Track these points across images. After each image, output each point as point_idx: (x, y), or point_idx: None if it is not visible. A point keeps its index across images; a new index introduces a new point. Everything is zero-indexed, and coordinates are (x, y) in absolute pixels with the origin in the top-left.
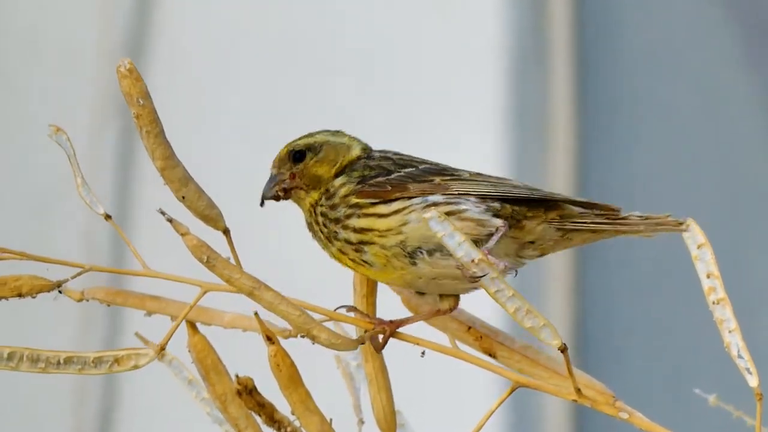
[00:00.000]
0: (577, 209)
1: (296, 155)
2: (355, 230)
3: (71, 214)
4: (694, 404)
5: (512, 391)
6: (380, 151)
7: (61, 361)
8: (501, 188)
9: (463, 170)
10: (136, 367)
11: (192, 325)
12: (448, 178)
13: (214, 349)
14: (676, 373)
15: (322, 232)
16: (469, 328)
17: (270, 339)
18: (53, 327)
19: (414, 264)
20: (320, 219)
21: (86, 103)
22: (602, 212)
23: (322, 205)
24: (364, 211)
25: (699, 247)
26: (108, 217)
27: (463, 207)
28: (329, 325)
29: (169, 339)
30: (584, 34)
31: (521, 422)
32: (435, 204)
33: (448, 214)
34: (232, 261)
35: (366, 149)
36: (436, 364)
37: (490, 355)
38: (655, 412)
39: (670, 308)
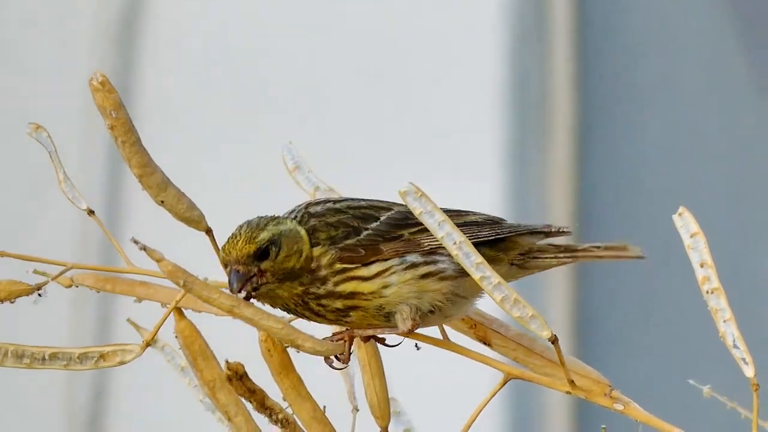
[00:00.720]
0: (534, 240)
1: (261, 253)
2: (344, 296)
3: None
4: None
5: (504, 383)
6: (316, 204)
7: (46, 357)
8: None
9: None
10: (122, 362)
11: (179, 311)
12: (415, 230)
13: (201, 334)
14: (677, 360)
15: (311, 310)
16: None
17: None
18: (44, 315)
19: (387, 320)
20: (313, 303)
21: (78, 97)
22: (561, 244)
23: (311, 291)
24: (348, 274)
25: (692, 236)
26: (91, 212)
27: (441, 266)
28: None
29: (157, 331)
30: (585, 14)
31: (520, 408)
32: (414, 265)
33: (428, 275)
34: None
35: (296, 219)
36: (432, 351)
37: (484, 343)
38: (659, 398)
39: (672, 295)
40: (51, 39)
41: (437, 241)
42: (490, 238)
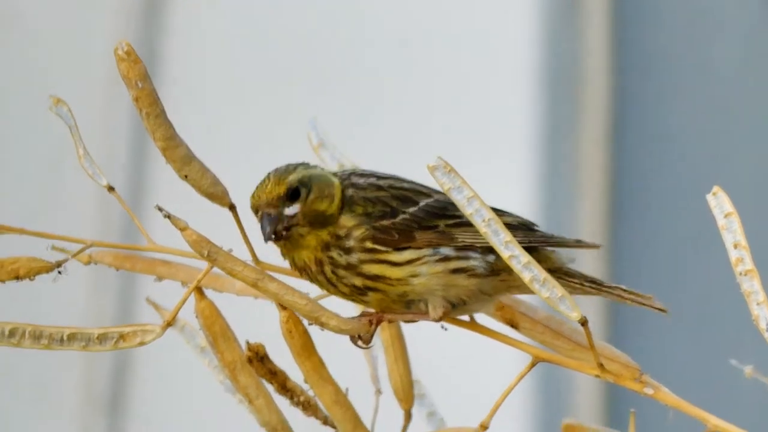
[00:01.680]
0: (565, 261)
1: (292, 193)
2: (367, 277)
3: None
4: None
5: (532, 366)
6: (361, 175)
7: (65, 338)
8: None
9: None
10: (142, 343)
11: (199, 291)
12: (451, 223)
13: (222, 315)
14: (709, 344)
15: (324, 275)
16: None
17: (282, 305)
18: (64, 294)
19: (408, 307)
20: (328, 267)
21: (101, 72)
22: (589, 276)
23: (333, 249)
24: (378, 257)
25: (726, 216)
26: (111, 188)
27: (472, 263)
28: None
29: (177, 312)
30: None
31: (549, 392)
32: (447, 258)
33: (458, 270)
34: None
35: (337, 176)
36: (458, 333)
37: (511, 325)
38: (690, 383)
39: (706, 277)
40: (73, 8)
41: (471, 237)
42: (524, 244)
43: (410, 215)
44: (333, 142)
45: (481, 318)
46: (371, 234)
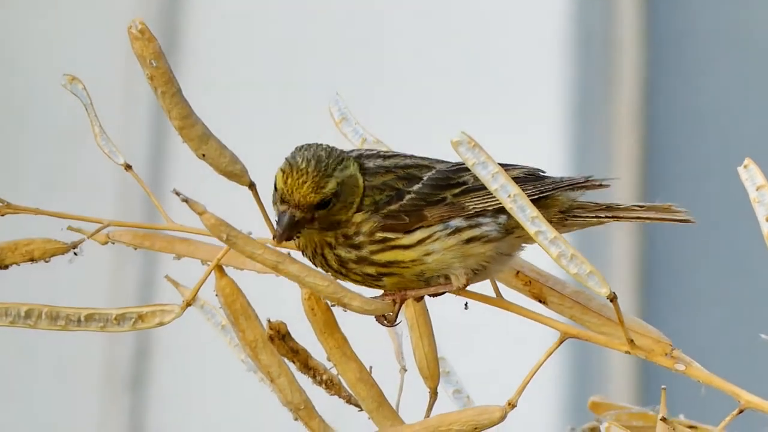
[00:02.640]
0: (575, 196)
1: (324, 204)
2: (381, 264)
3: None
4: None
5: (561, 342)
6: (369, 158)
7: (82, 319)
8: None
9: (465, 171)
10: (161, 323)
11: (220, 268)
12: (458, 192)
13: (243, 293)
14: (742, 319)
15: (331, 267)
16: (517, 272)
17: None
18: (84, 274)
19: (426, 284)
20: (333, 262)
21: (121, 50)
22: (602, 203)
23: (338, 248)
24: (389, 244)
25: (758, 188)
26: (128, 167)
27: (485, 230)
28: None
29: (197, 290)
30: None
31: (579, 369)
32: (458, 230)
33: (472, 239)
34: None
35: (356, 163)
36: (484, 308)
37: (539, 300)
38: (724, 358)
39: (739, 250)
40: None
41: (481, 202)
42: (534, 196)
43: (416, 193)
44: (355, 117)
45: (508, 293)
46: (380, 224)
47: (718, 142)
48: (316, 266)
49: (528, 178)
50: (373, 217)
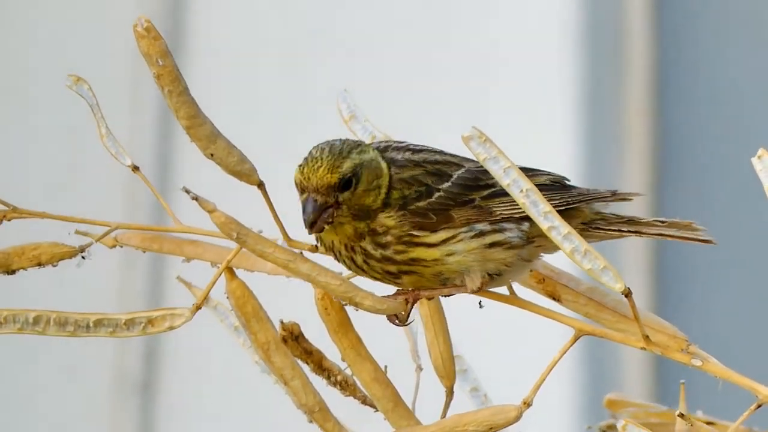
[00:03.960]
0: (599, 209)
1: (344, 184)
2: (403, 263)
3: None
4: None
5: (575, 339)
6: (397, 150)
7: (91, 324)
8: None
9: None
10: (171, 328)
11: (230, 271)
12: (486, 194)
13: (254, 295)
14: (759, 313)
15: (354, 262)
16: (531, 270)
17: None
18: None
19: (443, 284)
20: (359, 257)
21: (128, 50)
22: (625, 216)
23: (367, 242)
24: (414, 240)
25: None
26: (135, 168)
27: (507, 236)
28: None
29: (207, 293)
30: None
31: (595, 366)
32: (482, 233)
33: (494, 244)
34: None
35: (379, 151)
36: (499, 306)
37: (553, 298)
38: (741, 353)
39: (754, 243)
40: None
41: (509, 209)
42: (561, 207)
43: (445, 192)
44: (364, 113)
45: (523, 291)
46: (409, 223)
47: (730, 131)
48: (340, 263)
49: (554, 186)
50: (399, 214)
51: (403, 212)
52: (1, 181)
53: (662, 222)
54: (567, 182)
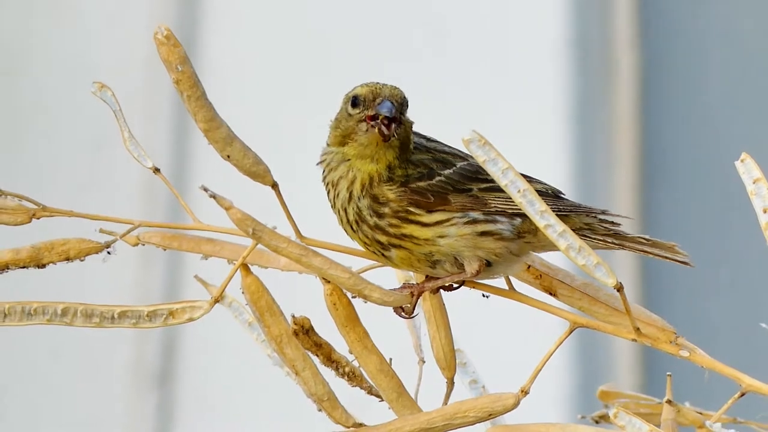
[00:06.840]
0: (589, 220)
1: (405, 105)
2: (395, 236)
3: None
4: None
5: (570, 332)
6: (415, 134)
7: (116, 316)
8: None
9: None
10: (191, 319)
11: (245, 267)
12: (484, 186)
13: (268, 290)
14: (744, 306)
15: (346, 214)
16: (529, 266)
17: (326, 279)
18: (112, 274)
19: (433, 268)
20: (351, 214)
21: (143, 53)
22: (611, 228)
23: (363, 213)
24: (409, 217)
25: (755, 182)
26: (157, 170)
27: (499, 227)
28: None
29: (224, 288)
30: None
31: (587, 358)
32: (475, 221)
33: (486, 233)
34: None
35: None
36: (498, 301)
37: (550, 293)
38: (726, 345)
39: (739, 241)
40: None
41: (503, 203)
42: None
43: (446, 177)
44: None
45: (520, 286)
46: (408, 199)
47: (714, 139)
48: (335, 212)
49: (549, 195)
50: (399, 189)
51: (404, 188)
52: (29, 182)
53: (647, 240)
54: (561, 195)
